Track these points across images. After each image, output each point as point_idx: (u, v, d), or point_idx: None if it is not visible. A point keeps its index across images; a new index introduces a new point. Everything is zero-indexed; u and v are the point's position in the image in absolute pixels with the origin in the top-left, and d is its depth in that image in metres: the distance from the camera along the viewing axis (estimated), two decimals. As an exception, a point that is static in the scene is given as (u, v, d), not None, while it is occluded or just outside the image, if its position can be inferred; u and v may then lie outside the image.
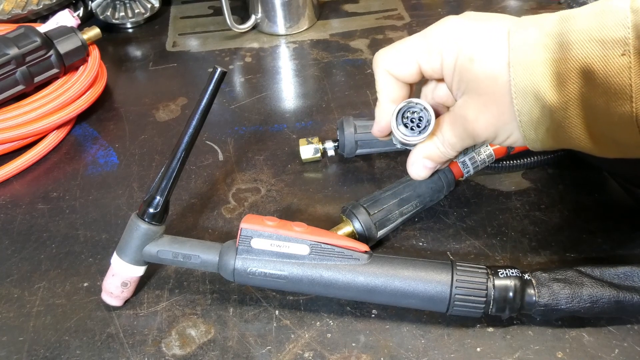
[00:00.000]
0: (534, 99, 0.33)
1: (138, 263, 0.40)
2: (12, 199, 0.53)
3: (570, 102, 0.32)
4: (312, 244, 0.38)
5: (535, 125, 0.34)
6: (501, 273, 0.37)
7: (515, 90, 0.33)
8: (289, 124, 0.60)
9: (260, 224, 0.38)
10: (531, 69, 0.33)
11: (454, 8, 0.79)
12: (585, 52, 0.31)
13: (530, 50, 0.33)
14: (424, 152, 0.40)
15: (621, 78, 0.30)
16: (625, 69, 0.30)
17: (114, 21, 0.77)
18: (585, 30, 0.31)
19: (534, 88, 0.33)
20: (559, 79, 0.32)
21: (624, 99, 0.30)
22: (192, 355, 0.39)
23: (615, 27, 0.31)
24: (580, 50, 0.31)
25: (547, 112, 0.33)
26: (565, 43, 0.32)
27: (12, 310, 0.42)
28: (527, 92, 0.33)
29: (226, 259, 0.38)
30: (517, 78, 0.33)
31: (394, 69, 0.39)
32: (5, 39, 0.55)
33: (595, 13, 0.32)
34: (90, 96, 0.60)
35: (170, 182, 0.39)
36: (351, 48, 0.72)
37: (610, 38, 0.31)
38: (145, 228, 0.39)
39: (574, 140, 0.34)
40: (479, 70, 0.35)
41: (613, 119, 0.31)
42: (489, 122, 0.36)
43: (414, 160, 0.41)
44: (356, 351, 0.39)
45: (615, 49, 0.30)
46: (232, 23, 0.73)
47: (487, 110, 0.35)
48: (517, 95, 0.33)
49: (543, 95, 0.33)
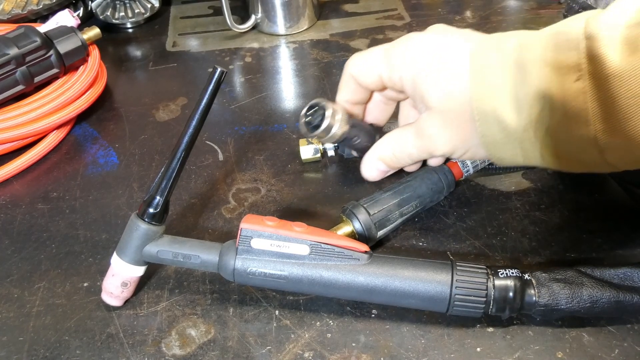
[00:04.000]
0: (496, 121, 0.34)
1: (138, 263, 0.40)
2: (12, 199, 0.53)
3: (531, 125, 0.33)
4: (312, 244, 0.38)
5: (498, 145, 0.35)
6: (501, 273, 0.37)
7: (477, 113, 0.34)
8: (289, 124, 0.60)
9: (260, 224, 0.38)
10: (492, 93, 0.34)
11: (454, 8, 0.79)
12: (543, 77, 0.32)
13: (491, 73, 0.34)
14: (378, 154, 0.41)
15: (578, 102, 0.31)
16: (580, 94, 0.31)
17: (114, 21, 0.77)
18: (541, 56, 0.32)
19: (495, 111, 0.34)
20: (518, 102, 0.33)
21: (582, 123, 0.31)
22: (192, 355, 0.39)
23: (570, 52, 0.31)
24: (537, 75, 0.32)
25: (509, 134, 0.34)
26: (524, 67, 0.33)
27: (12, 310, 0.42)
28: (489, 115, 0.34)
29: (226, 259, 0.38)
30: (478, 101, 0.34)
31: (358, 75, 0.41)
32: (5, 39, 0.55)
33: (551, 37, 0.32)
34: (90, 96, 0.60)
35: (170, 182, 0.39)
36: (351, 48, 0.72)
37: (565, 64, 0.31)
38: (145, 228, 0.39)
39: (537, 159, 0.35)
40: (440, 91, 0.36)
41: (574, 140, 0.32)
42: (448, 139, 0.37)
43: (367, 159, 0.42)
44: (356, 351, 0.39)
45: (570, 75, 0.31)
46: (232, 23, 0.73)
47: (448, 128, 0.36)
48: (479, 117, 0.34)
49: (504, 118, 0.33)
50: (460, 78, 0.35)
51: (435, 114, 0.37)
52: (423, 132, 0.38)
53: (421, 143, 0.39)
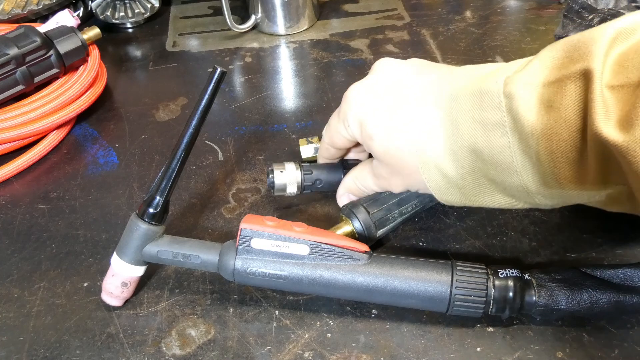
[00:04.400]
0: (437, 170, 0.37)
1: (138, 263, 0.40)
2: (12, 199, 0.53)
3: (467, 175, 0.36)
4: (312, 244, 0.38)
5: (443, 190, 0.38)
6: (501, 273, 0.37)
7: (420, 163, 0.37)
8: (289, 124, 0.60)
9: (260, 224, 0.38)
10: (430, 144, 0.37)
11: (454, 8, 0.79)
12: (471, 132, 0.35)
13: (429, 125, 0.37)
14: (347, 188, 0.46)
15: (505, 156, 0.34)
16: (506, 149, 0.33)
17: (114, 21, 0.77)
18: (468, 111, 0.35)
19: (435, 162, 0.37)
20: (454, 155, 0.36)
21: (512, 173, 0.34)
22: (192, 355, 0.39)
23: (492, 110, 0.33)
24: (467, 130, 0.35)
25: (450, 181, 0.37)
26: (456, 122, 0.35)
27: (12, 310, 0.42)
28: (430, 165, 0.37)
29: (226, 259, 0.38)
30: (420, 152, 0.37)
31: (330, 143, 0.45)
32: (5, 39, 0.55)
33: (475, 94, 0.35)
34: (90, 96, 0.60)
35: (170, 182, 0.39)
36: (351, 48, 0.72)
37: (490, 120, 0.34)
38: (145, 228, 0.39)
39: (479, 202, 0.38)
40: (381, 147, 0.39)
41: (507, 187, 0.35)
42: (400, 182, 0.40)
43: (339, 193, 0.46)
44: (356, 351, 0.39)
45: (496, 130, 0.33)
46: (232, 23, 0.73)
47: (397, 175, 0.40)
48: (422, 166, 0.38)
49: (443, 168, 0.37)
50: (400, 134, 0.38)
51: (383, 164, 0.40)
52: (377, 174, 0.42)
53: (378, 182, 0.42)
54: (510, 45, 0.70)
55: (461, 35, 0.73)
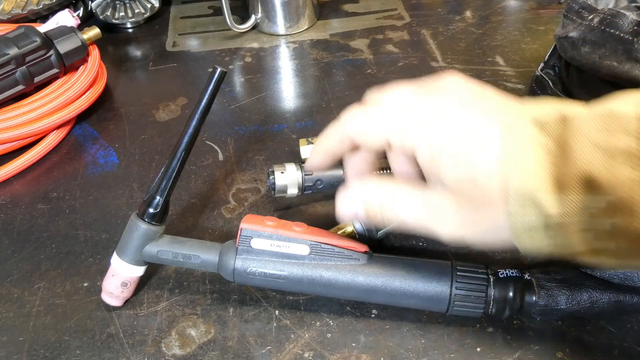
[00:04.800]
0: (533, 205, 0.29)
1: (138, 263, 0.40)
2: (12, 199, 0.53)
3: (573, 212, 0.28)
4: (312, 244, 0.38)
5: (530, 232, 0.30)
6: (501, 273, 0.37)
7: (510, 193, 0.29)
8: (289, 124, 0.60)
9: (260, 224, 0.38)
10: (528, 173, 0.29)
11: (454, 8, 0.79)
12: (589, 160, 0.28)
13: (528, 151, 0.29)
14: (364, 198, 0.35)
15: (629, 192, 0.27)
16: (635, 183, 0.27)
17: (114, 21, 0.77)
18: (588, 135, 0.28)
19: (532, 193, 0.29)
20: (560, 185, 0.28)
21: (634, 216, 0.27)
22: (192, 355, 0.39)
23: (622, 136, 0.27)
24: (583, 157, 0.28)
25: (546, 219, 0.29)
26: (567, 147, 0.28)
27: (12, 310, 0.42)
28: (525, 197, 0.29)
29: (226, 259, 0.38)
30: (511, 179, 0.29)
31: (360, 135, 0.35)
32: (5, 39, 0.55)
33: (600, 118, 0.28)
34: (90, 96, 0.60)
35: (170, 182, 0.39)
36: (351, 48, 0.72)
37: (617, 148, 0.27)
38: (145, 228, 0.39)
39: (570, 249, 0.30)
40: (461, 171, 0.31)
41: (617, 234, 0.28)
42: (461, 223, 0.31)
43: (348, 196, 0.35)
44: (356, 351, 0.39)
45: (622, 160, 0.27)
46: (232, 23, 0.73)
47: (464, 212, 0.31)
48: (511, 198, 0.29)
49: (542, 202, 0.29)
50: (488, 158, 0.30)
51: (451, 194, 0.31)
52: (431, 207, 0.32)
53: (424, 218, 0.32)
54: (510, 45, 0.70)
55: (461, 35, 0.73)
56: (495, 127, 0.30)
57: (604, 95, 0.30)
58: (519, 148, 0.29)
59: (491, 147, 0.30)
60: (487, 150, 0.30)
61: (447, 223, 0.31)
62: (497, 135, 0.30)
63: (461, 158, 0.30)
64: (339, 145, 0.37)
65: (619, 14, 0.42)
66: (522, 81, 0.64)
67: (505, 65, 0.67)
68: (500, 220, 0.30)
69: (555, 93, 0.48)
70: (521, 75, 0.65)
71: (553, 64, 0.52)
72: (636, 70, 0.40)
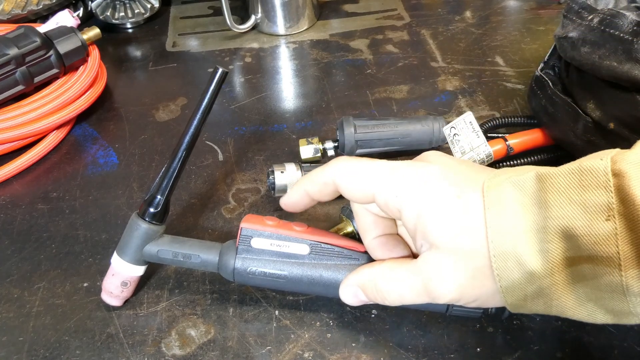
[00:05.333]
0: (516, 263, 0.30)
1: (138, 263, 0.40)
2: (12, 199, 0.53)
3: (555, 269, 0.30)
4: (312, 244, 0.38)
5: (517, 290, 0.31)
6: (501, 273, 0.37)
7: (494, 254, 0.30)
8: (289, 124, 0.60)
9: (260, 223, 0.38)
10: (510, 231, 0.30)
11: (453, 8, 0.79)
12: (567, 216, 0.29)
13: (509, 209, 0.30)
14: (360, 281, 0.36)
15: (607, 245, 0.28)
16: (611, 236, 0.28)
17: (114, 21, 0.77)
18: (564, 192, 0.29)
19: (515, 252, 0.30)
20: (541, 241, 0.30)
21: (612, 267, 0.28)
22: (192, 355, 0.39)
23: (596, 190, 0.28)
24: (561, 214, 0.29)
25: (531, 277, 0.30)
26: (545, 204, 0.30)
27: (12, 310, 0.42)
28: (508, 256, 0.30)
29: (226, 259, 0.38)
30: (495, 240, 0.30)
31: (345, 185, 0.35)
32: (5, 39, 0.55)
33: (573, 172, 0.29)
34: (90, 96, 0.60)
35: (171, 181, 0.39)
36: (351, 48, 0.72)
37: (593, 203, 0.28)
38: (145, 227, 0.39)
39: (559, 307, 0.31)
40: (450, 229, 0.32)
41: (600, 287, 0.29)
42: (457, 283, 0.32)
43: (348, 282, 0.37)
44: (356, 351, 0.39)
45: (599, 215, 0.28)
46: (232, 23, 0.73)
47: (458, 271, 0.32)
48: (496, 258, 0.30)
49: (525, 259, 0.30)
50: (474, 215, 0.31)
51: (443, 254, 0.32)
52: (425, 273, 0.33)
53: (421, 285, 0.33)
54: (510, 45, 0.70)
55: (461, 35, 0.73)
56: (477, 188, 0.32)
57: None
58: (499, 207, 0.30)
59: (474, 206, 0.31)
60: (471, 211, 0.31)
61: (443, 284, 0.32)
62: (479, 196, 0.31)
63: (447, 214, 0.32)
64: (320, 189, 0.37)
65: (619, 14, 0.42)
66: (522, 81, 0.64)
67: (505, 65, 0.67)
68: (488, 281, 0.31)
69: (555, 93, 0.48)
70: (521, 75, 0.65)
71: (553, 64, 0.52)
72: (636, 70, 0.40)
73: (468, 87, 0.64)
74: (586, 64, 0.44)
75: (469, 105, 0.61)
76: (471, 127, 0.50)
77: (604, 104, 0.44)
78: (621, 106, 0.42)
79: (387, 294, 0.35)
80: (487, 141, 0.49)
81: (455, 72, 0.66)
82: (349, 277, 0.37)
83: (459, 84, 0.64)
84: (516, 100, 0.61)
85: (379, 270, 0.35)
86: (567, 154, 0.50)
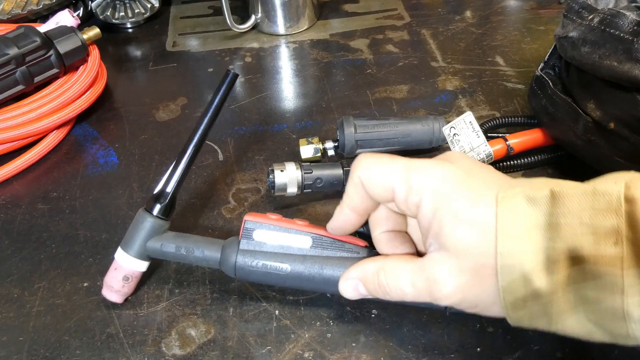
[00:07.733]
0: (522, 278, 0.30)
1: (141, 257, 0.40)
2: (12, 199, 0.53)
3: (560, 287, 0.30)
4: (314, 237, 0.38)
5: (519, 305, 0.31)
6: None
7: (502, 265, 0.31)
8: (289, 124, 0.60)
9: (263, 217, 0.39)
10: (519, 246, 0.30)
11: (454, 8, 0.79)
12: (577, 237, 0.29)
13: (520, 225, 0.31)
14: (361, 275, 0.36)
15: (612, 269, 0.28)
16: (617, 260, 0.28)
17: (114, 21, 0.77)
18: (576, 213, 0.30)
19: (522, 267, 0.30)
20: (548, 261, 0.30)
21: (615, 292, 0.28)
22: (192, 355, 0.39)
23: (607, 214, 0.29)
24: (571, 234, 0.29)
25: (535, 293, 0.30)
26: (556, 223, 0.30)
27: (12, 310, 0.42)
28: (515, 270, 0.30)
29: (228, 252, 0.39)
30: (504, 253, 0.31)
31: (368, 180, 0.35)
32: (5, 39, 0.55)
33: (587, 194, 0.30)
34: (90, 96, 0.60)
35: (179, 177, 0.40)
36: (351, 48, 0.72)
37: (603, 226, 0.29)
38: (152, 221, 0.40)
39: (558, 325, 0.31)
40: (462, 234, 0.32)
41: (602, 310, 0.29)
42: (460, 287, 0.32)
43: (348, 275, 0.37)
44: (356, 351, 0.39)
45: (607, 239, 0.29)
46: (232, 23, 0.73)
47: (463, 276, 0.32)
48: (502, 271, 0.31)
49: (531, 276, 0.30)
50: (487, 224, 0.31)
51: (451, 257, 0.32)
52: (430, 272, 0.33)
53: (424, 284, 0.33)
54: (510, 45, 0.70)
55: (461, 35, 0.73)
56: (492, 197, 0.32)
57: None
58: (511, 221, 0.31)
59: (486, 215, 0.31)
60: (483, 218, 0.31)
61: (445, 286, 0.32)
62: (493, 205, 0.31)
63: (461, 217, 0.32)
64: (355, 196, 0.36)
65: (619, 14, 0.42)
66: (522, 81, 0.64)
67: (505, 65, 0.67)
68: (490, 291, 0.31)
69: (555, 93, 0.48)
70: (521, 75, 0.65)
71: (553, 64, 0.52)
72: (636, 70, 0.40)
73: (468, 87, 0.64)
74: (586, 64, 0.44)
75: (469, 105, 0.61)
76: (471, 127, 0.50)
77: (604, 104, 0.44)
78: (621, 106, 0.42)
79: (389, 288, 0.35)
80: (487, 141, 0.49)
81: (455, 72, 0.66)
82: (350, 270, 0.37)
83: (459, 83, 0.64)
84: (516, 100, 0.61)
85: (383, 264, 0.35)
86: (567, 153, 0.50)
